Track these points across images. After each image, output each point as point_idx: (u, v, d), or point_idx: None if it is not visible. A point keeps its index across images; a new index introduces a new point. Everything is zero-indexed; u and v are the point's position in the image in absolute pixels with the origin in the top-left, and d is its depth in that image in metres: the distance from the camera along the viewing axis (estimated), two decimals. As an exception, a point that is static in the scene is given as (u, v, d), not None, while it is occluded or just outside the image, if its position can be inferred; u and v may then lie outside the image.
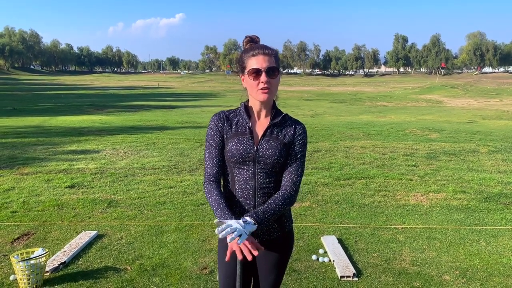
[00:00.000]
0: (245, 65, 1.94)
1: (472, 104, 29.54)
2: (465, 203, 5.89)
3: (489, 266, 3.98)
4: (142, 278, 3.63)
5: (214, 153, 1.98)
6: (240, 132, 1.96)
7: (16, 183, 6.56)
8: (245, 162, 1.94)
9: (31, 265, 3.36)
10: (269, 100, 1.95)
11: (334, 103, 29.45)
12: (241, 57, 1.99)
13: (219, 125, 1.97)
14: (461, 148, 10.10)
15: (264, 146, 1.94)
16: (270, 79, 1.90)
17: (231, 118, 2.00)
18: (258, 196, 1.96)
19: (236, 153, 1.93)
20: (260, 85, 1.89)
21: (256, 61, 1.89)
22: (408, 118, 19.05)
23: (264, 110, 1.99)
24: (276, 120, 1.99)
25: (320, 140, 11.05)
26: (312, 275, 3.74)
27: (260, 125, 2.00)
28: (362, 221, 5.15)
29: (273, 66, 1.90)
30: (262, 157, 1.94)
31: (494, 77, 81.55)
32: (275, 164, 1.95)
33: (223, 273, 2.09)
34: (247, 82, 1.94)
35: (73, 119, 16.02)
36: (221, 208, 1.87)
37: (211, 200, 1.91)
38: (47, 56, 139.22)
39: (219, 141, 1.97)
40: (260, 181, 1.95)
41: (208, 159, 1.99)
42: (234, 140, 1.94)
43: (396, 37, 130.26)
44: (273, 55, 1.93)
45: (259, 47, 1.94)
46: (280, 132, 1.99)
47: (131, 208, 5.49)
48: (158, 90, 46.17)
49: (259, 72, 1.88)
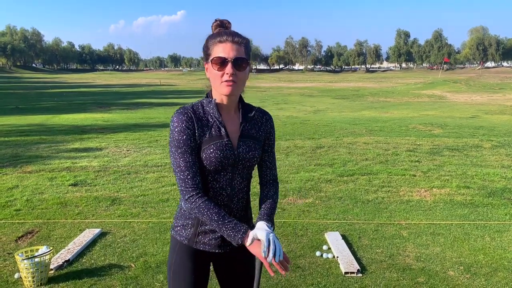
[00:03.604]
0: (210, 52, 1.70)
1: (475, 99, 29.43)
2: (469, 198, 5.87)
3: (494, 261, 3.96)
4: (146, 276, 3.63)
5: (191, 160, 1.69)
6: (216, 136, 1.71)
7: (20, 181, 6.58)
8: (224, 168, 1.73)
9: (36, 263, 3.36)
10: (234, 94, 1.73)
11: (336, 99, 29.39)
12: (206, 42, 1.73)
13: (190, 127, 1.68)
14: (464, 143, 10.06)
15: (244, 149, 1.75)
16: (236, 71, 1.66)
17: (200, 117, 1.72)
18: (233, 202, 1.80)
19: (215, 161, 1.70)
20: (225, 77, 1.66)
21: (223, 49, 1.66)
22: (410, 113, 19.00)
23: (233, 104, 1.78)
24: (249, 115, 1.81)
25: (322, 137, 11.04)
26: (316, 272, 3.73)
27: (232, 123, 1.78)
28: (366, 217, 5.14)
29: (241, 57, 1.67)
30: (242, 160, 1.75)
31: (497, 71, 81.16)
32: (253, 165, 1.81)
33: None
34: (211, 72, 1.70)
35: (75, 117, 16.03)
36: (228, 219, 1.67)
37: (212, 215, 1.66)
38: (49, 54, 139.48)
39: (193, 145, 1.69)
40: (236, 186, 1.79)
41: (186, 169, 1.68)
42: (212, 146, 1.69)
43: (398, 32, 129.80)
44: (243, 44, 1.69)
45: (228, 33, 1.69)
46: (253, 129, 1.82)
47: (134, 205, 5.49)
48: (160, 88, 46.17)
49: (225, 62, 1.65)
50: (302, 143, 10.07)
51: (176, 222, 1.85)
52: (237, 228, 1.66)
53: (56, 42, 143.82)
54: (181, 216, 1.83)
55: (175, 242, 1.84)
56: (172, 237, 1.87)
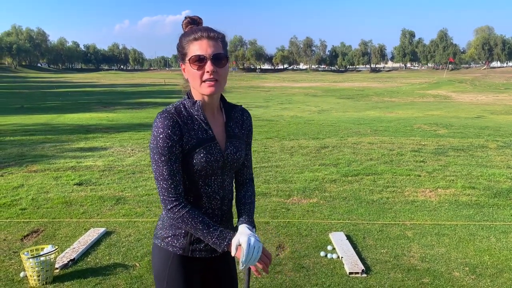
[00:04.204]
0: (185, 51, 1.62)
1: (481, 99, 29.27)
2: (474, 199, 5.84)
3: (499, 262, 3.94)
4: (151, 275, 3.64)
5: (175, 168, 1.60)
6: (203, 139, 1.64)
7: (25, 180, 6.61)
8: (214, 172, 1.68)
9: (41, 262, 3.38)
10: (217, 93, 1.66)
11: (340, 99, 29.32)
12: (180, 41, 1.65)
13: (176, 133, 1.59)
14: (469, 144, 10.02)
15: (232, 150, 1.71)
16: (217, 68, 1.58)
17: (186, 121, 1.64)
18: (224, 204, 1.76)
19: (207, 165, 1.63)
20: (205, 76, 1.58)
21: (199, 46, 1.58)
22: (415, 113, 18.93)
23: (215, 103, 1.72)
24: (232, 114, 1.77)
25: (327, 136, 11.02)
26: (321, 272, 3.73)
27: (216, 123, 1.72)
28: (370, 217, 5.12)
29: (220, 53, 1.59)
30: (230, 162, 1.71)
31: (502, 71, 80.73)
32: (239, 165, 1.77)
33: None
34: (189, 72, 1.62)
35: (80, 116, 16.09)
36: (212, 227, 1.63)
37: (197, 224, 1.61)
38: (53, 54, 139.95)
39: (178, 153, 1.60)
40: (227, 188, 1.75)
41: (169, 177, 1.60)
42: (202, 150, 1.62)
43: (403, 32, 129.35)
44: (219, 39, 1.61)
45: (203, 29, 1.61)
46: (236, 128, 1.77)
47: (139, 205, 5.51)
48: (164, 87, 46.24)
49: (203, 59, 1.57)
50: (306, 143, 10.06)
51: (164, 233, 1.73)
52: (223, 236, 1.63)
53: (61, 41, 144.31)
54: (170, 226, 1.72)
55: (167, 254, 1.73)
56: (161, 248, 1.74)
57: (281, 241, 4.36)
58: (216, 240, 1.63)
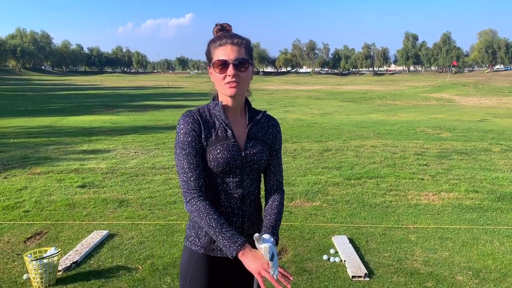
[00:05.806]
0: (211, 56, 1.73)
1: (484, 103, 29.20)
2: (477, 202, 5.82)
3: (503, 266, 3.92)
4: (154, 278, 3.64)
5: (195, 162, 1.69)
6: (222, 137, 1.72)
7: (28, 182, 6.63)
8: (232, 170, 1.73)
9: (44, 264, 3.38)
10: (238, 95, 1.73)
11: (343, 102, 29.31)
12: (208, 47, 1.75)
13: (196, 129, 1.70)
14: (473, 147, 9.99)
15: (251, 151, 1.76)
16: (238, 72, 1.68)
17: (207, 119, 1.74)
18: (246, 204, 1.79)
19: (223, 162, 1.70)
20: (227, 79, 1.68)
21: (224, 51, 1.68)
22: (418, 117, 18.89)
23: (238, 107, 1.79)
24: (256, 118, 1.82)
25: (330, 140, 11.01)
26: (323, 275, 3.72)
27: (238, 125, 1.79)
28: (373, 221, 5.11)
29: (242, 58, 1.68)
30: (250, 162, 1.75)
31: (506, 75, 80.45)
32: (261, 167, 1.81)
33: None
34: (214, 75, 1.73)
35: (84, 119, 16.15)
36: (225, 228, 1.65)
37: (210, 220, 1.65)
38: (57, 56, 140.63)
39: (198, 148, 1.70)
40: (247, 189, 1.78)
41: (189, 170, 1.69)
42: (218, 147, 1.70)
43: (406, 35, 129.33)
44: (243, 45, 1.71)
45: (228, 35, 1.71)
46: (260, 132, 1.82)
47: (142, 207, 5.51)
48: (167, 90, 46.34)
49: (226, 64, 1.67)
50: (309, 146, 10.05)
51: (189, 232, 1.82)
52: (234, 239, 1.63)
53: (65, 44, 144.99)
54: (193, 226, 1.80)
55: (191, 253, 1.80)
56: (186, 247, 1.83)
57: (283, 245, 4.36)
58: (226, 242, 1.63)
